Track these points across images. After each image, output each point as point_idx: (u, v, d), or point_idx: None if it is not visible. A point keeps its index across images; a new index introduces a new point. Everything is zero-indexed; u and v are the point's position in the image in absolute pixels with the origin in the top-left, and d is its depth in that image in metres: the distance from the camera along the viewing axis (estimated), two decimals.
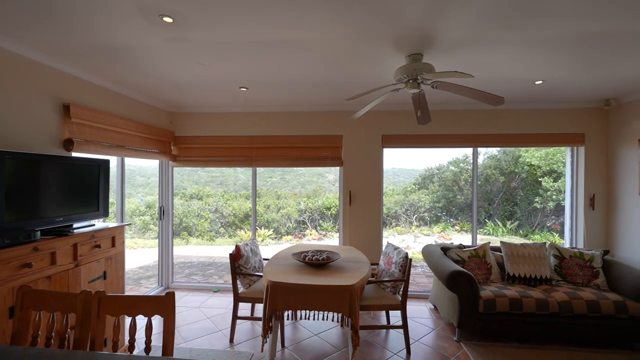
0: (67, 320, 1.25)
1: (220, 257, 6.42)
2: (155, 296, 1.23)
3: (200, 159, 4.02)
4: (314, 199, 10.14)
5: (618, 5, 1.63)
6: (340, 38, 2.03)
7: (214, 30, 1.93)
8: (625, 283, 2.83)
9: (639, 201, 3.21)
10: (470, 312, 2.79)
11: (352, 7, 1.67)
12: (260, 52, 2.26)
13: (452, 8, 1.69)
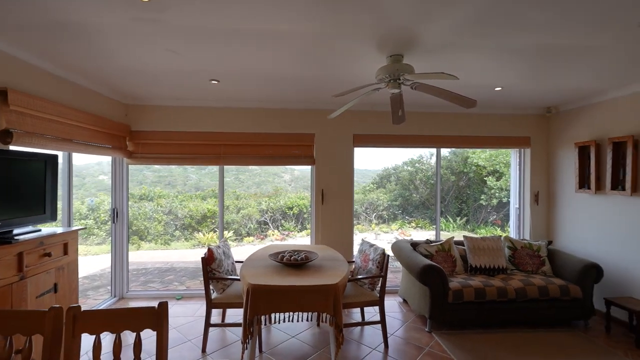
0: (29, 344, 1.04)
1: (178, 261, 5.99)
2: (145, 307, 1.08)
3: (160, 156, 3.70)
4: (275, 199, 9.98)
5: (578, 22, 1.83)
6: (323, 33, 1.99)
7: (190, 13, 1.76)
8: (567, 269, 3.21)
9: (575, 197, 3.67)
10: (441, 303, 2.95)
11: (342, 5, 1.65)
12: (236, 42, 2.13)
13: (439, 14, 1.76)
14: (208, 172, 10.08)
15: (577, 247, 3.62)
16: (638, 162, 2.98)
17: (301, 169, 10.99)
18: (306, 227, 9.79)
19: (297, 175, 10.97)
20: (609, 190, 3.22)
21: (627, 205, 3.09)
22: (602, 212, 3.34)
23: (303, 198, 10.14)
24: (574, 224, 3.68)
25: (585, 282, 3.05)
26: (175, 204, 9.02)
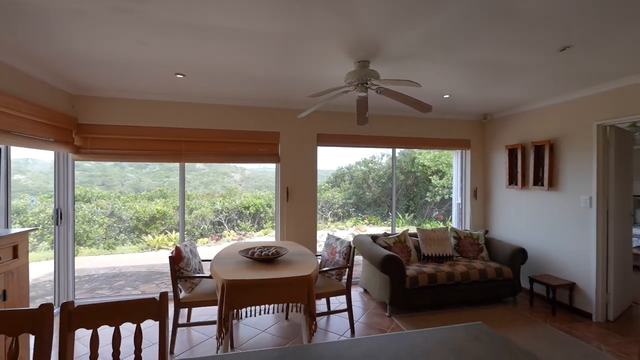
0: (16, 344, 0.99)
1: (127, 266, 5.57)
2: (144, 299, 1.10)
3: (113, 152, 3.45)
4: (230, 199, 9.75)
5: (516, 45, 2.20)
6: (294, 36, 2.08)
7: (168, 7, 1.74)
8: (500, 254, 3.74)
9: (505, 192, 4.28)
10: (399, 289, 3.24)
11: (316, 11, 1.78)
12: (207, 38, 2.12)
13: (406, 27, 1.99)
14: (149, 172, 9.46)
15: (508, 235, 4.23)
16: (553, 163, 3.60)
17: (252, 168, 10.87)
18: (263, 227, 9.72)
19: (247, 174, 10.81)
20: (531, 186, 3.83)
21: (545, 198, 3.71)
22: (527, 204, 3.96)
23: (259, 197, 10.05)
24: (505, 215, 4.29)
25: (514, 264, 3.59)
26: (118, 205, 8.34)
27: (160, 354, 1.06)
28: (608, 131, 3.19)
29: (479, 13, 1.81)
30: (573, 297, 3.37)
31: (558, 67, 2.64)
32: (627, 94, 2.92)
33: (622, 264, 3.28)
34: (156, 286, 4.38)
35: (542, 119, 3.77)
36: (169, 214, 8.76)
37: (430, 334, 1.14)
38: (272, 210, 10.14)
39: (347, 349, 1.03)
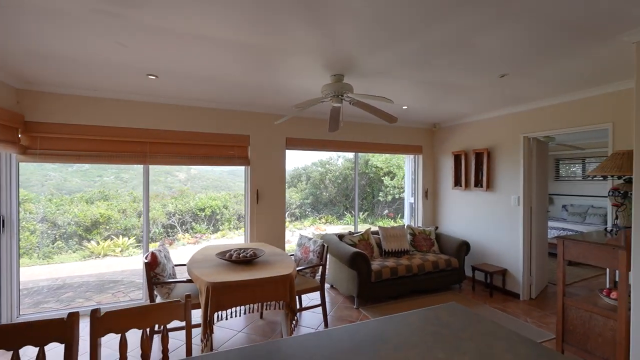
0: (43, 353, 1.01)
1: (72, 276, 5.08)
2: (170, 301, 1.17)
3: (68, 153, 3.19)
4: (183, 200, 9.34)
5: (458, 69, 2.60)
6: (274, 48, 2.21)
7: (154, 13, 1.76)
8: (448, 247, 4.27)
9: (452, 192, 4.86)
10: (366, 283, 3.54)
11: (297, 27, 1.95)
12: (188, 44, 2.14)
13: (379, 50, 2.25)
14: (77, 170, 8.66)
15: (454, 230, 4.81)
16: (490, 167, 4.22)
17: (198, 167, 10.51)
18: (220, 229, 9.47)
19: (193, 174, 10.44)
20: (473, 187, 4.43)
21: (484, 197, 4.33)
22: (469, 203, 4.56)
23: (215, 199, 9.77)
24: (451, 212, 4.88)
25: (460, 256, 4.14)
26: (51, 209, 7.51)
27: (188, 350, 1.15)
28: (531, 142, 3.86)
29: (439, 45, 2.15)
30: (505, 281, 4.00)
31: (497, 89, 3.15)
32: (545, 112, 3.58)
33: (541, 251, 4.00)
34: (113, 295, 4.11)
35: (481, 129, 4.39)
36: (115, 218, 8.11)
37: (416, 314, 1.39)
38: (228, 211, 9.93)
39: (346, 333, 1.22)
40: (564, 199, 7.38)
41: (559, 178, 7.57)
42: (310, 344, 1.13)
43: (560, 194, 7.49)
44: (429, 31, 1.95)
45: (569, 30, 1.93)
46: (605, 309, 2.33)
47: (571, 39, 2.04)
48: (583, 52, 2.25)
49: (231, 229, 9.57)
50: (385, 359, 1.04)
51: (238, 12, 1.74)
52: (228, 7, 1.69)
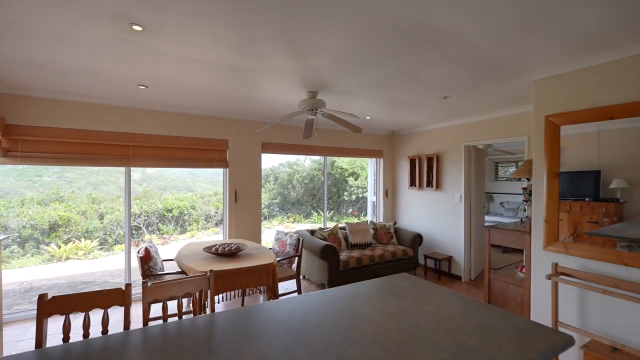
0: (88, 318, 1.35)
1: (38, 279, 4.97)
2: (195, 276, 1.55)
3: (49, 156, 3.29)
4: (149, 201, 9.22)
5: (411, 90, 3.20)
6: (256, 69, 2.61)
7: (166, 42, 2.08)
8: (405, 239, 4.93)
9: (408, 192, 5.56)
10: (335, 272, 4.05)
11: (274, 53, 2.39)
12: (179, 62, 2.42)
13: (349, 77, 2.75)
14: (12, 169, 8.27)
15: (410, 224, 5.51)
16: (439, 170, 4.95)
17: (155, 167, 10.41)
18: (187, 230, 9.47)
19: (150, 174, 10.34)
20: (425, 187, 5.14)
21: (434, 196, 5.05)
22: (422, 201, 5.27)
23: (182, 199, 9.75)
24: (408, 209, 5.57)
25: (415, 246, 4.81)
26: None
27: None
28: (470, 149, 4.63)
29: (395, 76, 2.71)
30: (451, 266, 4.74)
31: (442, 106, 3.83)
32: (481, 126, 4.35)
33: (478, 241, 4.80)
34: None
35: (432, 138, 5.11)
36: (75, 220, 7.84)
37: (378, 281, 1.89)
38: (196, 212, 9.94)
39: (323, 295, 1.67)
40: (502, 197, 8.54)
41: (498, 179, 8.73)
42: (291, 304, 1.57)
43: (498, 192, 8.65)
44: (387, 65, 2.48)
45: (492, 70, 2.58)
46: (517, 280, 3.05)
47: (494, 75, 2.70)
48: (503, 84, 2.94)
49: (199, 229, 9.61)
50: (355, 306, 1.52)
51: (226, 43, 2.10)
52: (217, 38, 2.06)
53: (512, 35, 1.96)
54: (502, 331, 1.28)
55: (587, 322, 2.34)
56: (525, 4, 1.62)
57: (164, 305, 1.45)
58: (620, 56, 2.17)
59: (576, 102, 2.40)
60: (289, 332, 1.26)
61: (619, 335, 2.17)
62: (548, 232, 2.50)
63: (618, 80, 2.20)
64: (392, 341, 1.20)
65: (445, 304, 1.55)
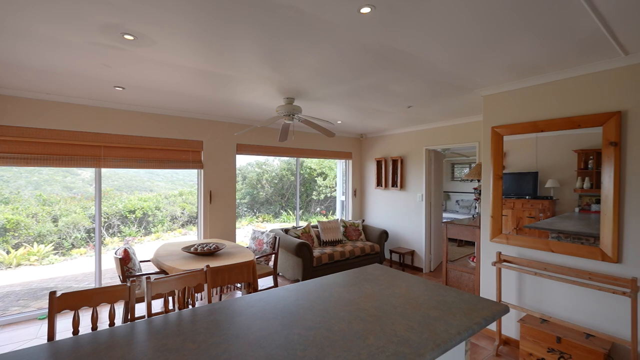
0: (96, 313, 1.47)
1: None
2: (194, 270, 1.70)
3: (18, 156, 3.15)
4: (109, 202, 8.79)
5: (382, 102, 3.53)
6: (239, 78, 2.78)
7: (153, 51, 2.18)
8: (372, 235, 5.30)
9: (375, 192, 5.94)
10: (309, 268, 4.28)
11: (252, 63, 2.59)
12: (160, 67, 2.49)
13: (324, 88, 3.00)
14: None
15: (377, 221, 5.90)
16: (403, 171, 5.38)
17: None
18: (152, 231, 9.15)
19: (103, 172, 9.89)
20: (390, 187, 5.55)
21: (398, 195, 5.48)
22: (388, 200, 5.68)
23: (146, 200, 9.40)
24: (375, 208, 5.96)
25: (381, 242, 5.19)
26: None
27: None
28: (431, 152, 5.10)
29: (364, 88, 3.01)
30: (413, 259, 5.19)
31: (406, 114, 4.21)
32: (440, 131, 4.82)
33: (437, 236, 5.30)
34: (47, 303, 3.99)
35: (397, 141, 5.53)
36: (25, 224, 7.29)
37: (354, 270, 2.16)
38: (161, 213, 9.63)
39: (304, 285, 1.90)
40: (458, 195, 9.33)
41: (454, 179, 9.51)
42: (283, 292, 1.78)
43: (454, 191, 9.43)
44: (359, 80, 2.76)
45: (449, 86, 2.96)
46: (470, 269, 3.50)
47: (451, 90, 3.09)
48: (458, 97, 3.36)
49: (165, 230, 9.33)
50: (338, 291, 1.76)
51: (209, 53, 2.25)
52: (201, 49, 2.21)
53: (465, 59, 2.32)
54: (456, 305, 1.59)
55: (523, 300, 2.80)
56: (475, 36, 1.97)
57: (165, 299, 1.58)
58: (548, 80, 2.64)
59: (516, 116, 2.86)
60: (285, 314, 1.47)
61: (546, 309, 2.65)
62: (493, 226, 2.94)
63: (546, 100, 2.67)
64: (371, 316, 1.46)
65: (412, 287, 1.85)
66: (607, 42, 2.00)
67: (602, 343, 2.27)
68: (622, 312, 2.27)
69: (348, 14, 1.70)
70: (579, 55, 2.23)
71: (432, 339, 1.26)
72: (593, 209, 2.46)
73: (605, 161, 2.34)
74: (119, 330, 1.31)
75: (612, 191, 2.30)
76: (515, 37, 1.97)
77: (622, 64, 2.27)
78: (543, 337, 2.45)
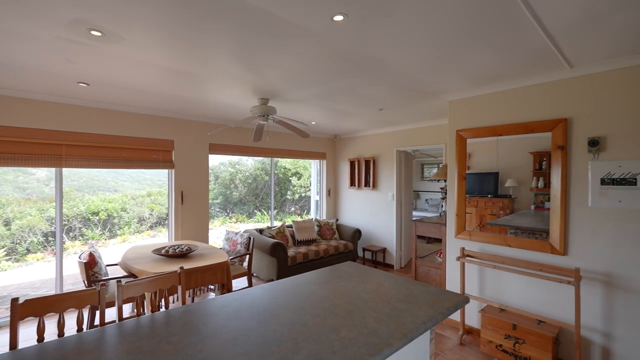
0: (80, 313, 1.43)
1: None
2: (168, 272, 1.69)
3: None
4: (70, 204, 8.28)
5: (355, 104, 3.64)
6: (213, 78, 2.75)
7: (122, 47, 2.11)
8: (346, 234, 5.42)
9: (348, 191, 6.07)
10: (284, 267, 4.31)
11: (235, 68, 2.60)
12: (128, 63, 2.40)
13: (298, 90, 3.04)
14: None
15: (350, 220, 6.03)
16: (375, 172, 5.55)
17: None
18: (117, 234, 8.73)
19: (64, 172, 9.37)
20: (363, 187, 5.70)
21: (371, 195, 5.64)
22: (361, 199, 5.83)
23: (111, 201, 8.95)
24: (348, 207, 6.09)
25: (355, 240, 5.32)
26: None
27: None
28: (401, 153, 5.30)
29: (337, 92, 3.09)
30: (385, 257, 5.37)
31: (377, 116, 4.36)
32: (410, 133, 5.03)
33: (408, 234, 5.52)
34: (7, 310, 3.72)
35: (369, 142, 5.69)
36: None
37: (329, 268, 2.22)
38: (128, 215, 9.20)
39: (280, 284, 1.95)
40: (427, 194, 9.73)
41: (424, 178, 9.91)
42: (259, 291, 1.81)
43: (424, 190, 9.83)
44: (332, 83, 2.84)
45: (418, 91, 3.12)
46: (437, 264, 3.70)
47: (419, 95, 3.25)
48: (426, 101, 3.53)
49: (132, 233, 8.93)
50: (312, 289, 1.82)
51: (181, 52, 2.22)
52: (173, 48, 2.18)
53: (431, 67, 2.47)
54: (423, 297, 1.71)
55: (484, 292, 3.02)
56: (440, 47, 2.10)
57: (137, 302, 1.56)
58: (505, 88, 2.86)
59: (477, 120, 3.07)
60: (260, 312, 1.51)
61: (504, 299, 2.87)
62: (458, 224, 3.14)
63: (504, 106, 2.90)
64: (344, 311, 1.53)
65: (382, 283, 1.95)
66: (554, 56, 2.22)
67: (551, 328, 2.50)
68: (568, 299, 2.53)
69: (322, 21, 1.76)
70: (531, 66, 2.45)
71: (400, 329, 1.35)
72: (546, 206, 2.70)
73: (554, 163, 2.58)
74: (89, 336, 1.28)
75: (559, 190, 2.54)
76: (474, 50, 2.13)
77: (568, 75, 2.51)
78: (501, 325, 2.66)
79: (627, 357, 2.28)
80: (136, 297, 1.57)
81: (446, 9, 1.63)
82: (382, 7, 1.62)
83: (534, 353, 2.48)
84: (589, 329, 2.44)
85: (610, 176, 2.34)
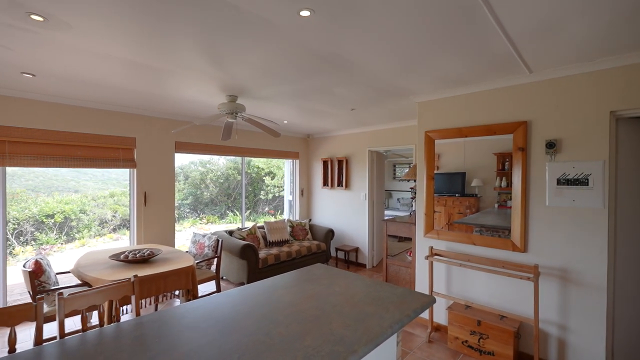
0: (14, 332, 1.27)
1: None
2: (122, 280, 1.56)
3: None
4: (19, 206, 7.63)
5: (330, 104, 3.60)
6: (177, 72, 2.61)
7: (69, 35, 1.92)
8: (319, 234, 5.38)
9: (321, 191, 6.04)
10: (255, 269, 4.19)
11: (201, 63, 2.48)
12: (80, 54, 2.22)
13: (268, 87, 2.95)
14: None
15: (323, 221, 6.00)
16: (348, 171, 5.55)
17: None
18: (76, 238, 8.14)
19: (14, 170, 8.69)
20: (336, 186, 5.69)
21: (344, 194, 5.65)
22: (334, 199, 5.82)
23: (68, 202, 8.34)
24: (321, 207, 6.06)
25: (327, 240, 5.30)
26: None
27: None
28: (373, 153, 5.35)
29: (309, 90, 3.04)
30: (358, 256, 5.40)
31: (350, 116, 4.36)
32: (382, 134, 5.08)
33: (380, 233, 5.58)
34: None
35: (342, 142, 5.69)
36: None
37: (297, 271, 2.17)
38: (87, 217, 8.61)
39: (249, 288, 1.87)
40: (399, 194, 9.93)
41: (395, 178, 10.11)
42: (222, 298, 1.72)
43: (396, 190, 10.03)
44: (304, 82, 2.78)
45: (388, 92, 3.13)
46: (407, 263, 3.75)
47: (390, 96, 3.27)
48: (397, 102, 3.56)
49: (92, 236, 8.37)
50: (278, 294, 1.75)
51: (140, 41, 2.06)
52: (131, 36, 2.03)
53: (401, 69, 2.48)
54: (390, 299, 1.69)
55: (451, 289, 3.09)
56: (409, 50, 2.11)
57: (83, 316, 1.41)
58: (470, 91, 2.95)
59: (444, 122, 3.13)
60: (221, 322, 1.42)
61: (470, 296, 2.96)
62: (427, 223, 3.19)
63: (469, 109, 2.98)
64: (311, 317, 1.48)
65: (350, 285, 1.92)
66: (515, 61, 2.30)
67: (512, 323, 2.60)
68: (528, 295, 2.64)
69: (287, 15, 1.69)
70: (494, 71, 2.52)
71: (366, 334, 1.32)
72: (508, 205, 2.81)
73: (515, 164, 2.69)
74: (20, 357, 1.14)
75: (520, 190, 2.65)
76: (441, 53, 2.15)
77: (528, 80, 2.62)
78: (466, 321, 2.73)
79: (579, 347, 2.42)
80: (82, 310, 1.42)
81: (415, 13, 1.63)
82: (352, 6, 1.58)
83: (496, 347, 2.57)
84: (547, 322, 2.56)
85: (565, 176, 2.47)
